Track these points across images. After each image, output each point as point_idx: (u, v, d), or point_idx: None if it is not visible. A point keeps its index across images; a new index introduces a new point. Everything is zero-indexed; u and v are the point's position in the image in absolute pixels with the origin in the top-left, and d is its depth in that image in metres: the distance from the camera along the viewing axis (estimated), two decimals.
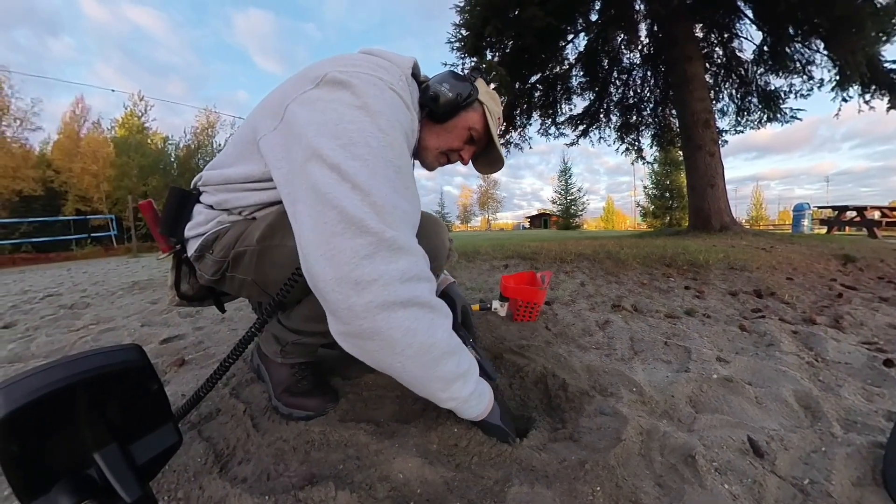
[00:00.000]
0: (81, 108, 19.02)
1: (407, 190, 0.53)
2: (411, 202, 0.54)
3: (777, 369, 0.95)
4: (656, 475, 0.59)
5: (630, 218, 46.88)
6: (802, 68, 5.08)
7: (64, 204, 17.26)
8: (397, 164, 0.53)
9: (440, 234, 0.75)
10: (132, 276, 3.59)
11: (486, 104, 0.79)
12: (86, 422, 0.38)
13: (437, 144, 0.80)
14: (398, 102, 0.59)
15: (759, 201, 43.94)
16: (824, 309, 1.52)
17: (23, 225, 13.98)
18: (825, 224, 7.01)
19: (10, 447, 0.34)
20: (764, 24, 4.93)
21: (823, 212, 7.78)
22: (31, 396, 0.34)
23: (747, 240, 3.51)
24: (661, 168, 25.17)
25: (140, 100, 20.74)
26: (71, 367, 0.38)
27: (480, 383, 0.63)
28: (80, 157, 17.29)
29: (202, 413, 0.80)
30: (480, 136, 0.81)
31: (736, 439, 0.66)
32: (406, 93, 0.63)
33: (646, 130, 6.97)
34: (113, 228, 11.53)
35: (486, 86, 0.82)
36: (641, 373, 0.94)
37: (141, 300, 2.21)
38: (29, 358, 1.28)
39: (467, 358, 0.60)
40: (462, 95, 0.74)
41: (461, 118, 0.77)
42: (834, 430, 0.70)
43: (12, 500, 0.55)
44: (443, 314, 0.54)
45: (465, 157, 0.84)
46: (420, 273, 0.51)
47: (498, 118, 0.84)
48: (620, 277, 2.04)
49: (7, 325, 1.78)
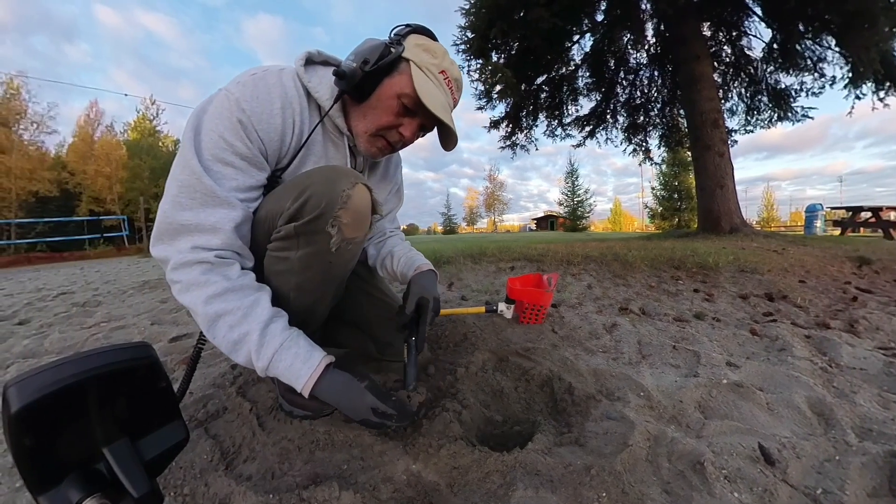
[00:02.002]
0: (95, 112, 19.55)
1: (192, 201, 0.58)
2: (189, 210, 0.59)
3: (789, 375, 0.93)
4: (664, 482, 0.58)
5: (638, 220, 46.44)
6: (813, 66, 4.99)
7: (78, 205, 17.72)
8: (179, 179, 0.59)
9: (321, 183, 0.62)
10: (143, 275, 3.66)
11: (414, 59, 0.66)
12: (96, 417, 0.39)
13: (364, 127, 0.70)
14: (225, 116, 0.61)
15: (770, 202, 43.23)
16: (838, 313, 1.49)
17: (38, 225, 14.38)
18: (839, 225, 6.85)
19: (23, 440, 0.35)
20: (773, 22, 4.85)
21: (837, 213, 7.62)
22: (44, 391, 0.35)
23: (758, 242, 3.45)
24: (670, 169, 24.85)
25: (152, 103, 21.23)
26: (82, 363, 0.39)
27: (265, 347, 0.58)
28: (94, 160, 17.77)
29: (209, 411, 0.81)
30: (416, 101, 0.66)
31: (746, 446, 0.64)
32: (252, 97, 0.62)
33: (653, 131, 6.90)
34: (125, 229, 11.77)
35: (420, 39, 0.69)
36: (649, 377, 0.93)
37: (151, 299, 2.25)
38: (42, 354, 1.31)
39: (231, 320, 0.57)
40: (370, 61, 0.63)
41: (383, 87, 0.66)
42: (848, 438, 0.68)
43: (24, 491, 0.57)
44: (204, 287, 0.57)
45: (407, 133, 0.70)
46: (181, 260, 0.58)
47: (441, 72, 0.68)
48: (628, 280, 2.02)
49: (22, 321, 1.82)
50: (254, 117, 0.62)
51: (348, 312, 0.93)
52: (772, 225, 36.82)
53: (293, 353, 0.59)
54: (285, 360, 0.58)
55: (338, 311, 0.88)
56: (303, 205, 0.60)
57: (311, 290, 0.69)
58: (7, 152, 15.11)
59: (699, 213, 5.04)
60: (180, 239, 0.58)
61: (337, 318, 0.92)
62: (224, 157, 0.60)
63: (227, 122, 0.60)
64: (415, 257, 0.89)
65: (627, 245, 3.19)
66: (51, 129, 17.41)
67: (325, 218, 0.61)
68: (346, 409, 0.60)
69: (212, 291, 0.57)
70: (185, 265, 0.57)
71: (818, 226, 7.13)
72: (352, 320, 0.95)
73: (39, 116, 16.95)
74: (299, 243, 0.63)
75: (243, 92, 0.62)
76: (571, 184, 37.98)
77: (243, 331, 0.57)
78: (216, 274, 0.58)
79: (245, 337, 0.57)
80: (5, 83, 16.23)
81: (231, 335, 0.57)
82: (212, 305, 0.56)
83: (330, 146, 0.75)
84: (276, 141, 0.66)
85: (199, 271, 0.57)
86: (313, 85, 0.68)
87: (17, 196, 15.54)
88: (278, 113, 0.65)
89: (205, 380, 0.96)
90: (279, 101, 0.65)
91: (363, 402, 0.60)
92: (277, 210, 0.63)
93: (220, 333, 0.57)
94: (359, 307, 0.94)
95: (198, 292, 0.57)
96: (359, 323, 0.95)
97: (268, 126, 0.64)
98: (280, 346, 0.59)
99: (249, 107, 0.62)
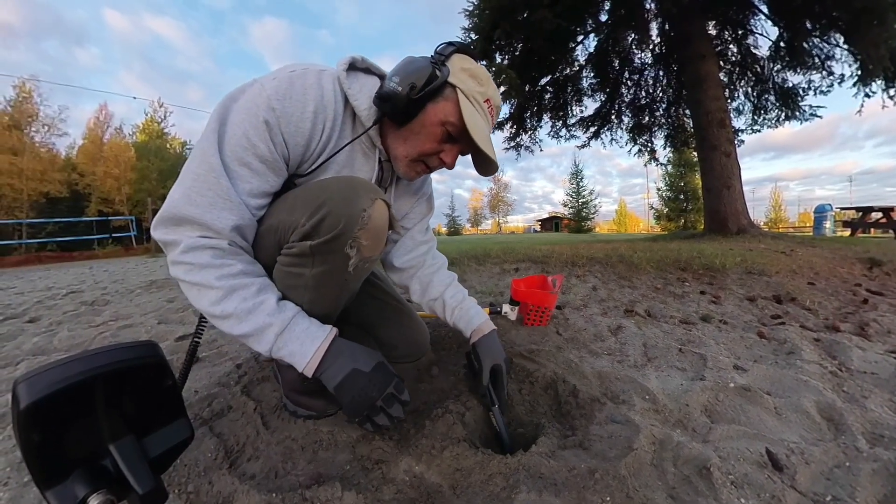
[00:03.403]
0: (105, 115, 19.95)
1: (202, 198, 0.56)
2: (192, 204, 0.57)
3: (798, 379, 0.91)
4: (669, 487, 0.57)
5: (643, 221, 46.08)
6: (821, 64, 4.91)
7: (87, 205, 18.04)
8: (196, 172, 0.57)
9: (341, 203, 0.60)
10: (150, 275, 3.71)
11: (461, 87, 0.64)
12: (103, 414, 0.40)
13: (405, 151, 0.67)
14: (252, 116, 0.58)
15: (778, 203, 42.65)
16: (849, 315, 1.46)
17: (49, 225, 14.65)
18: (849, 226, 6.72)
19: (32, 435, 0.35)
20: (780, 19, 4.79)
21: (847, 213, 7.47)
22: (53, 388, 0.36)
23: (766, 243, 3.40)
24: (675, 169, 24.66)
25: (160, 106, 21.56)
26: (90, 361, 0.39)
27: (288, 344, 0.57)
28: (103, 161, 18.10)
29: (214, 409, 0.81)
30: (461, 131, 0.65)
31: (753, 451, 0.63)
32: (289, 99, 0.59)
33: (659, 131, 6.84)
34: (133, 229, 11.94)
35: (465, 61, 0.66)
36: (655, 380, 0.92)
37: (158, 298, 2.27)
38: (52, 351, 1.33)
39: (251, 323, 0.56)
40: (417, 86, 0.60)
41: (427, 114, 0.64)
42: (859, 444, 0.66)
43: (32, 486, 0.58)
44: (219, 268, 0.56)
45: (448, 159, 0.68)
46: (192, 244, 0.56)
47: (486, 101, 0.66)
48: (633, 282, 2.00)
49: (32, 319, 1.86)
50: (282, 119, 0.59)
51: (353, 314, 0.93)
52: (780, 226, 36.33)
53: (310, 320, 0.61)
54: (302, 323, 0.59)
55: (343, 312, 0.88)
56: (319, 222, 0.57)
57: (325, 305, 0.68)
58: (19, 154, 15.44)
59: (705, 215, 4.98)
60: (184, 227, 0.56)
61: (342, 320, 0.91)
62: (244, 157, 0.58)
63: (253, 120, 0.58)
64: (470, 311, 0.87)
65: (633, 246, 3.17)
66: (61, 131, 17.80)
67: (343, 239, 0.58)
68: (351, 387, 0.58)
69: (226, 271, 0.56)
70: (198, 248, 0.55)
71: (827, 226, 7.01)
72: (357, 322, 0.95)
73: (50, 119, 17.33)
74: (314, 262, 0.60)
75: (277, 89, 0.59)
76: (576, 185, 37.84)
77: (260, 300, 0.57)
78: (229, 258, 0.57)
79: (262, 304, 0.57)
80: (18, 87, 16.61)
81: (245, 305, 0.56)
82: (226, 281, 0.55)
83: (359, 156, 0.71)
84: (301, 146, 0.63)
85: (212, 255, 0.56)
86: (353, 92, 0.64)
87: (29, 197, 15.86)
88: (310, 117, 0.61)
89: (210, 378, 0.96)
90: (313, 104, 0.61)
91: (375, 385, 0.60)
92: (290, 223, 0.60)
93: (233, 304, 0.55)
94: (364, 308, 0.94)
95: (212, 271, 0.55)
96: (364, 324, 0.95)
97: (295, 130, 0.61)
98: (299, 311, 0.60)
99: (280, 106, 0.59)
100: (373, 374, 0.60)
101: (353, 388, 0.59)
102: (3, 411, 0.83)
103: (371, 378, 0.60)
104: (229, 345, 1.27)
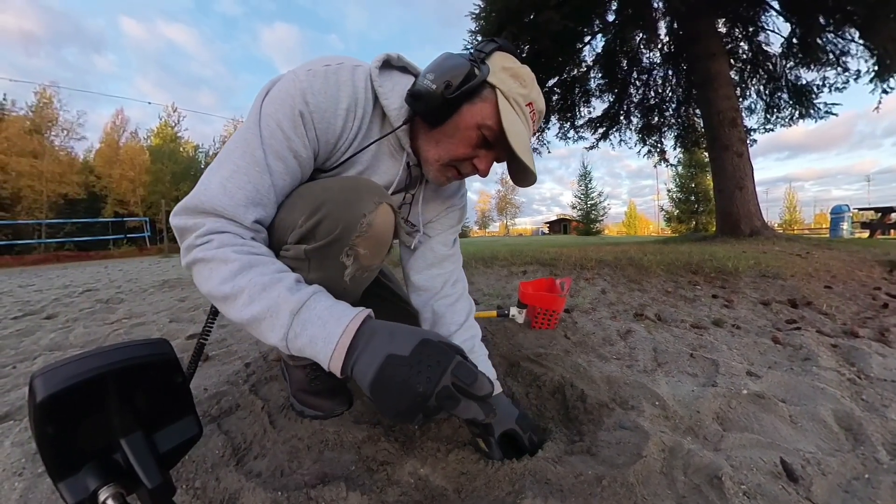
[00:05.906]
0: (121, 119, 20.56)
1: (240, 191, 0.53)
2: (223, 191, 0.53)
3: (814, 386, 0.88)
4: (678, 496, 0.56)
5: (653, 223, 45.38)
6: (836, 60, 4.75)
7: (104, 207, 18.57)
8: (237, 163, 0.54)
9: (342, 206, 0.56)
10: (163, 274, 3.79)
11: (501, 87, 0.58)
12: (115, 409, 0.40)
13: (436, 155, 0.62)
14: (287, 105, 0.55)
15: (793, 204, 41.62)
16: (868, 320, 1.41)
17: (67, 225, 15.11)
18: (867, 227, 6.50)
19: (46, 428, 0.36)
20: (792, 15, 4.68)
21: (865, 214, 7.25)
22: (67, 383, 0.37)
23: (780, 245, 3.32)
24: (686, 170, 24.28)
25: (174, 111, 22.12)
26: (104, 357, 0.40)
27: (307, 328, 0.46)
28: (119, 164, 18.63)
29: (222, 407, 0.82)
30: (498, 136, 0.59)
31: (767, 461, 0.61)
32: (322, 92, 0.56)
33: (668, 131, 6.75)
34: (147, 230, 12.25)
35: (507, 59, 0.61)
36: (665, 386, 0.90)
37: (170, 297, 2.32)
38: (67, 347, 1.37)
39: (263, 301, 0.47)
40: (453, 85, 0.55)
41: (462, 115, 0.58)
42: (879, 455, 0.64)
43: (45, 477, 0.59)
44: (242, 247, 0.51)
45: (482, 166, 0.63)
46: (215, 228, 0.52)
47: (528, 104, 0.60)
48: (643, 285, 1.97)
49: (49, 316, 1.92)
50: (316, 113, 0.56)
51: None
52: (795, 227, 35.47)
53: (334, 300, 0.51)
54: (324, 301, 0.49)
55: None
56: (316, 225, 0.54)
57: None
58: (39, 157, 15.98)
59: (717, 216, 4.89)
60: (209, 216, 0.52)
61: None
62: (281, 151, 0.55)
63: (287, 111, 0.55)
64: (478, 365, 0.78)
65: (643, 249, 3.12)
66: (80, 135, 18.38)
67: (338, 245, 0.54)
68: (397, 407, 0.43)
69: (247, 249, 0.51)
70: (221, 231, 0.51)
71: (844, 228, 6.83)
72: None
73: (69, 123, 17.92)
74: (310, 267, 0.56)
75: (312, 83, 0.56)
76: (585, 187, 37.54)
77: (277, 277, 0.49)
78: (252, 245, 0.53)
79: (279, 280, 0.49)
80: (39, 93, 17.22)
81: (261, 279, 0.48)
82: (246, 256, 0.50)
83: (385, 157, 0.67)
84: (331, 143, 0.60)
85: (233, 236, 0.52)
86: (384, 91, 0.61)
87: (48, 198, 16.39)
88: (342, 114, 0.58)
89: (219, 377, 0.98)
90: (346, 101, 0.58)
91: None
92: (289, 222, 0.57)
93: (247, 278, 0.48)
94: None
95: (232, 247, 0.50)
96: None
97: (327, 126, 0.58)
98: (321, 290, 0.51)
99: (314, 100, 0.56)
100: (414, 358, 0.42)
101: (390, 384, 0.42)
102: (21, 404, 0.86)
103: (413, 364, 0.42)
104: (238, 344, 1.29)
